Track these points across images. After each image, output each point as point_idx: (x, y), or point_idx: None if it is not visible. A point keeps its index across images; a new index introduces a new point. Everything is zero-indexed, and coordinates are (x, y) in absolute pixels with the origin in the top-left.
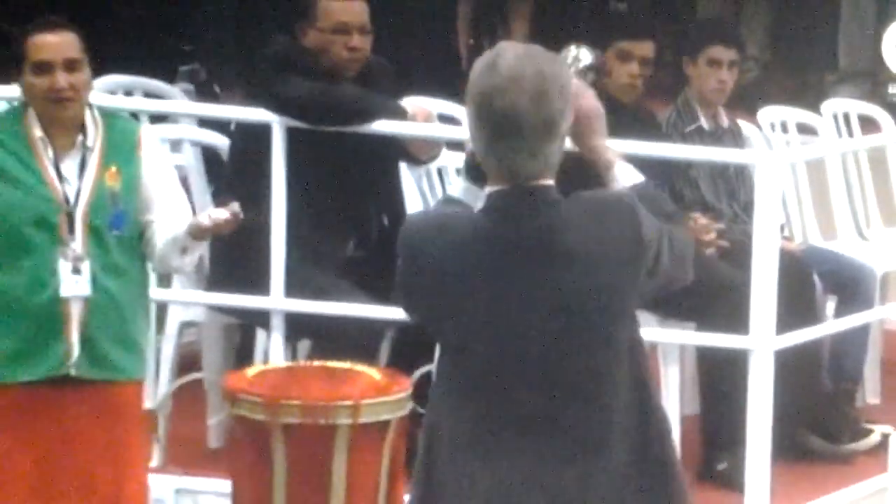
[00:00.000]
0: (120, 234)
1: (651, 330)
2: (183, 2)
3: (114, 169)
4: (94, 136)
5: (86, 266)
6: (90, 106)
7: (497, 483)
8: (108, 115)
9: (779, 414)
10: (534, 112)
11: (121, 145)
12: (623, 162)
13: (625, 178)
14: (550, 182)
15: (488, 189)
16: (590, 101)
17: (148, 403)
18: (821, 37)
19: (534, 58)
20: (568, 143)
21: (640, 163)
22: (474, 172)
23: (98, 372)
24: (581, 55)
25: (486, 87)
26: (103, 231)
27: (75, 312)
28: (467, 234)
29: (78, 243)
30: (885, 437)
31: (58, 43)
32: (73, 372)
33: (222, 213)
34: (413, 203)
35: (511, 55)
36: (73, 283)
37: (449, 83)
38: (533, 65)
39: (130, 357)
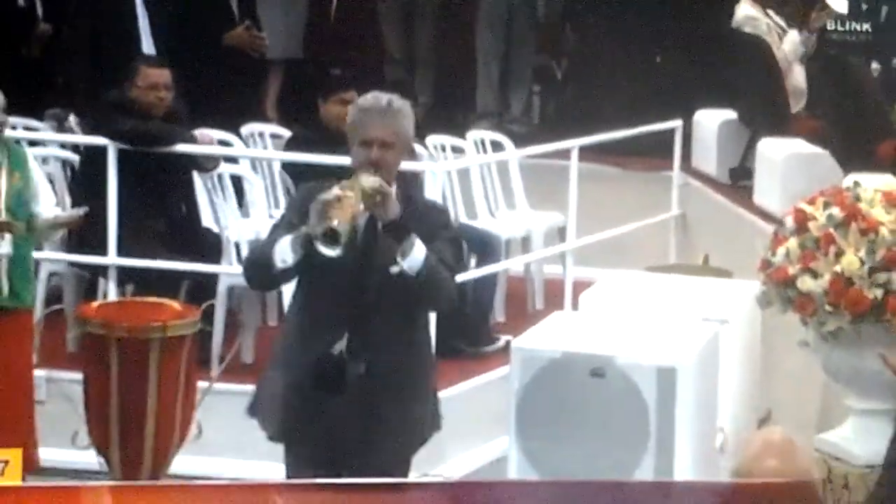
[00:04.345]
0: (21, 215)
1: None
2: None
3: (17, 174)
4: (3, 155)
5: (7, 236)
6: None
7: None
8: (6, 141)
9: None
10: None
11: (18, 160)
12: None
13: None
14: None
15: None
16: None
17: None
18: (466, 90)
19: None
20: None
21: None
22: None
23: (14, 302)
24: None
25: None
26: (16, 213)
27: (3, 265)
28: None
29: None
30: (507, 342)
31: None
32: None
33: (76, 213)
34: (202, 197)
35: (385, 99)
36: (1, 246)
37: (235, 120)
38: (398, 102)
39: (29, 294)
